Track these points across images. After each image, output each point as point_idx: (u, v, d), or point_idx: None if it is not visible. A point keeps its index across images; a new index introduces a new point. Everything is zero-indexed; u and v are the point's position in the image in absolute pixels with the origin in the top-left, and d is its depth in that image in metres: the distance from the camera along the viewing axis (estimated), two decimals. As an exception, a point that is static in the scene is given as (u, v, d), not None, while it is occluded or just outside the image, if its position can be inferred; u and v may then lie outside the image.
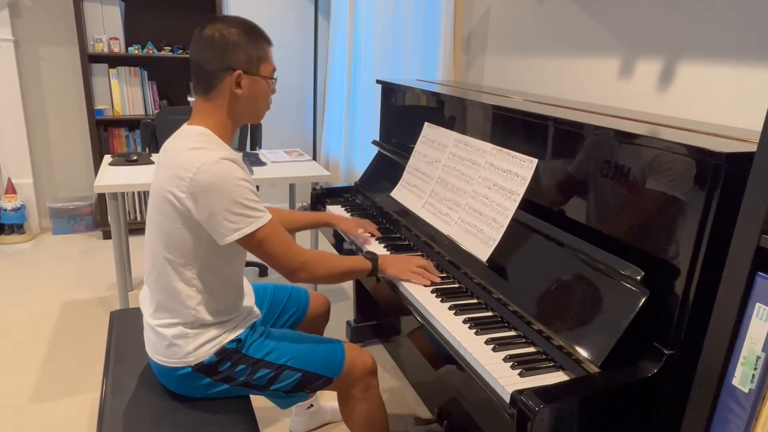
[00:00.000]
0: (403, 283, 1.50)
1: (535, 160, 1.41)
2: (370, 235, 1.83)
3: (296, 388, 1.40)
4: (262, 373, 1.36)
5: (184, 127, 1.30)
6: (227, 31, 1.25)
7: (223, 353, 1.32)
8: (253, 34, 1.28)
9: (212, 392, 1.35)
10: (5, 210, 3.45)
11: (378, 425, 1.54)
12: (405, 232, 1.83)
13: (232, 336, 1.34)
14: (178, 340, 1.29)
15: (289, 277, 1.32)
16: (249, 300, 1.45)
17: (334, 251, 1.94)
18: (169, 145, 1.28)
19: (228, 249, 1.26)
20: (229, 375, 1.34)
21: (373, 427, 1.53)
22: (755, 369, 0.86)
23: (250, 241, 1.23)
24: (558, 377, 1.11)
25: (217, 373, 1.32)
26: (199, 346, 1.30)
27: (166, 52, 3.53)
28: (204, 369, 1.31)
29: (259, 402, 2.03)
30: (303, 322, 1.72)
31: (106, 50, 3.37)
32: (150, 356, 1.35)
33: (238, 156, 1.25)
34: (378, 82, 2.34)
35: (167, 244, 1.25)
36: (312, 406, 1.92)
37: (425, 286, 1.48)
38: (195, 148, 1.20)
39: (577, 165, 1.33)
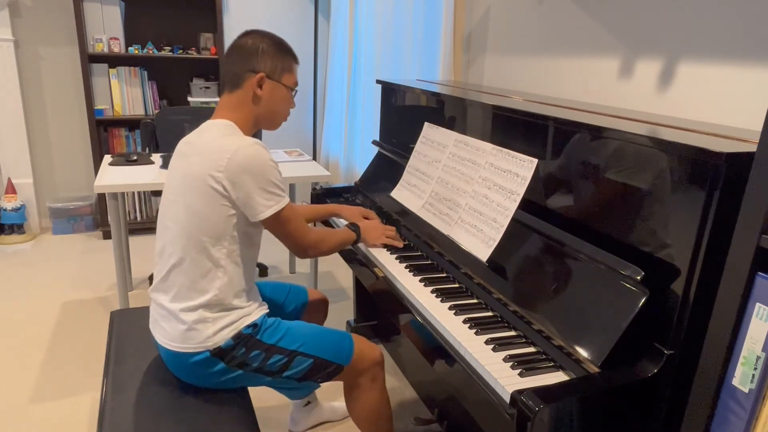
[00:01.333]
0: (402, 283, 1.51)
1: (535, 160, 1.41)
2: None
3: (308, 375, 1.43)
4: (276, 358, 1.39)
5: (208, 122, 1.41)
6: (260, 40, 1.40)
7: (239, 338, 1.36)
8: (282, 48, 1.43)
9: (224, 379, 1.37)
10: (5, 210, 3.45)
11: (383, 418, 1.56)
12: (405, 232, 1.83)
13: (248, 321, 1.38)
14: (198, 324, 1.32)
15: (301, 255, 1.47)
16: (257, 294, 1.49)
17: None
18: (194, 138, 1.38)
19: (254, 229, 1.38)
20: (243, 360, 1.37)
21: (379, 420, 1.55)
22: (755, 369, 0.86)
23: (276, 219, 1.35)
24: (558, 377, 1.11)
25: (232, 358, 1.35)
26: (218, 330, 1.34)
27: (166, 52, 3.53)
28: (221, 353, 1.34)
29: (259, 402, 2.03)
30: (301, 319, 1.73)
31: (106, 50, 3.37)
32: (162, 345, 1.36)
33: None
34: (378, 82, 2.34)
35: (199, 224, 1.31)
36: (309, 403, 1.92)
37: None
38: (227, 135, 1.34)
39: (577, 165, 1.33)
